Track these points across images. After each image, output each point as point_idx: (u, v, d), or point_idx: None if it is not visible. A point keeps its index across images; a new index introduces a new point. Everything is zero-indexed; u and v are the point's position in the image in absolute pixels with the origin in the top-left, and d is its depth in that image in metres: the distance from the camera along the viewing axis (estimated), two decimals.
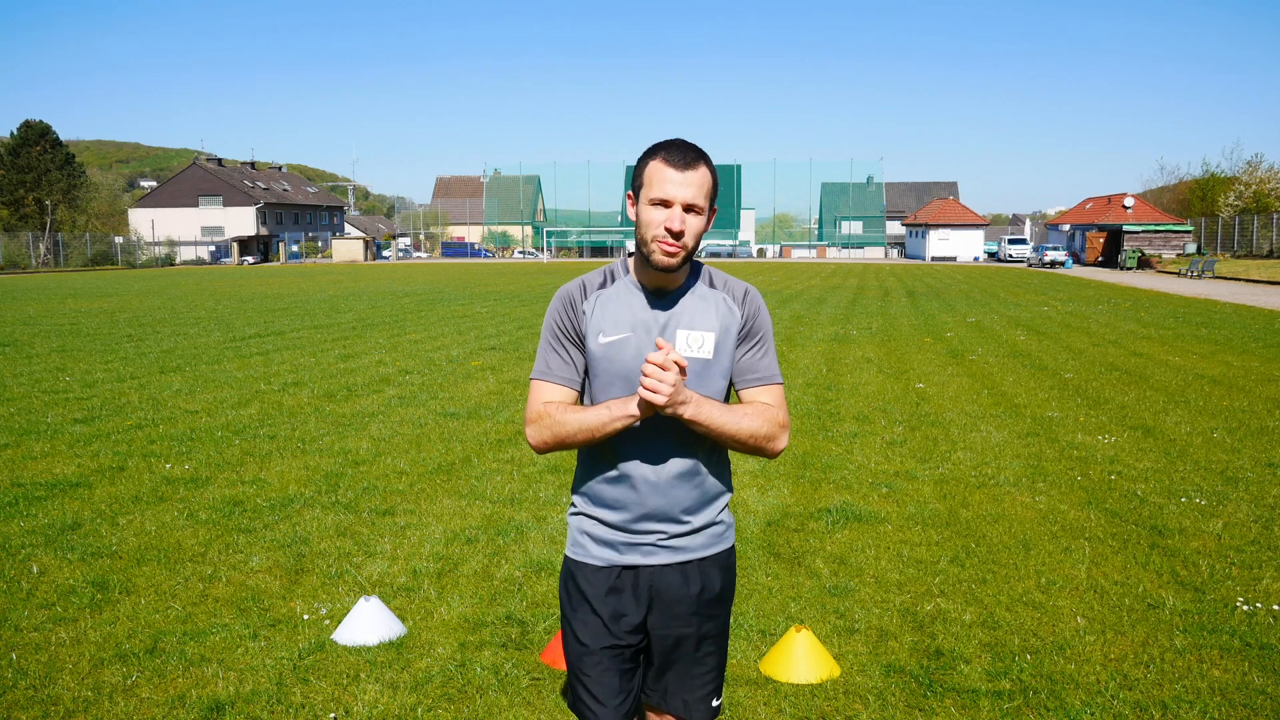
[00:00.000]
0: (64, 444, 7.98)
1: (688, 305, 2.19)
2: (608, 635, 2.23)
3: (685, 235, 2.07)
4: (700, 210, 2.09)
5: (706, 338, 2.16)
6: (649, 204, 2.08)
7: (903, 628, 4.23)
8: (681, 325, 2.17)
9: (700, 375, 2.16)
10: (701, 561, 2.27)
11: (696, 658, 2.30)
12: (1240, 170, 62.94)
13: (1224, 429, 8.37)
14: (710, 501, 2.26)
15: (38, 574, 4.92)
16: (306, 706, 3.56)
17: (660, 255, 2.08)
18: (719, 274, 2.28)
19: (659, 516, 2.20)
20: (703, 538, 2.26)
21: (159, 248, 74.59)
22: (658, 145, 2.12)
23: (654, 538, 2.22)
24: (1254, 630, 4.16)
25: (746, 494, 6.37)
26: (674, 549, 2.23)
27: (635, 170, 2.16)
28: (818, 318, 20.46)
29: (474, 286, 34.51)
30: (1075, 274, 46.56)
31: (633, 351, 2.14)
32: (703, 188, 2.08)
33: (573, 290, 2.23)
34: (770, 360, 2.24)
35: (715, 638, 2.32)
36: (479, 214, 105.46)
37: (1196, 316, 20.37)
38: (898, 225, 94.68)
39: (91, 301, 27.18)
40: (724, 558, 2.32)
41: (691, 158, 2.08)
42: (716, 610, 2.31)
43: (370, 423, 8.83)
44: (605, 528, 2.24)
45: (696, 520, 2.23)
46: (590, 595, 2.24)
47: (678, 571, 2.24)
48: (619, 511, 2.21)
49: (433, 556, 5.17)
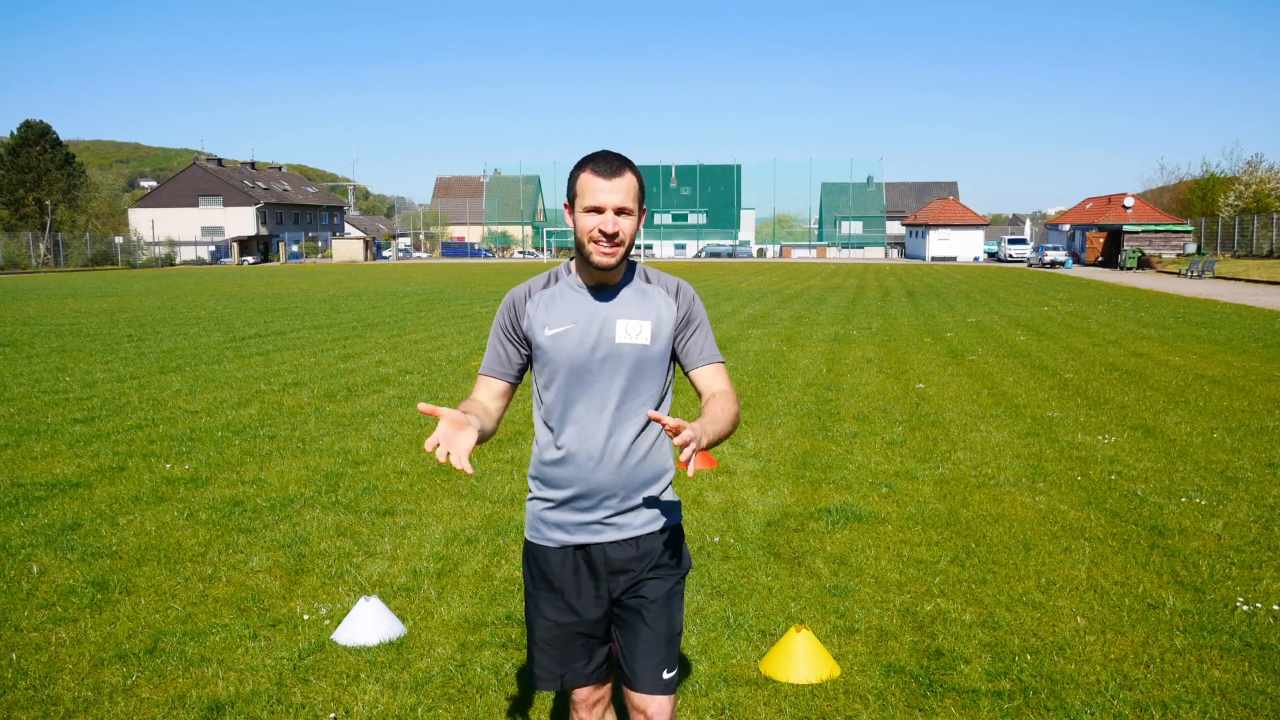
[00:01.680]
0: (64, 444, 7.98)
1: (625, 298, 2.42)
2: (569, 612, 2.44)
3: (620, 235, 2.30)
4: (630, 212, 2.32)
5: (644, 326, 2.39)
6: (583, 211, 2.31)
7: (903, 628, 4.23)
8: (620, 316, 2.39)
9: (639, 359, 2.38)
10: (647, 536, 2.44)
11: (646, 625, 2.42)
12: (1240, 170, 62.96)
13: (1224, 429, 8.37)
14: (652, 480, 2.43)
15: (38, 574, 4.93)
16: (306, 706, 3.56)
17: (599, 255, 2.32)
18: (653, 271, 2.51)
19: (602, 494, 2.38)
20: (646, 515, 2.43)
21: (159, 248, 74.58)
22: (585, 159, 2.35)
23: (599, 514, 2.40)
24: (1254, 630, 4.16)
25: (746, 494, 6.37)
26: (618, 526, 2.41)
27: (569, 183, 2.38)
28: (818, 318, 20.46)
29: (474, 286, 34.51)
30: (1075, 274, 46.56)
31: (575, 341, 2.37)
32: (630, 192, 2.31)
33: (518, 293, 2.50)
34: (710, 341, 2.48)
35: (663, 603, 2.44)
36: (479, 214, 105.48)
37: (1196, 316, 20.37)
38: (898, 225, 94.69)
39: (91, 301, 27.18)
40: (669, 533, 2.48)
41: (618, 165, 2.31)
42: (664, 575, 2.45)
43: (370, 423, 8.84)
44: (555, 510, 2.43)
45: (637, 498, 2.41)
46: (550, 574, 2.45)
47: (628, 546, 2.42)
48: (564, 490, 2.40)
49: (433, 556, 5.17)
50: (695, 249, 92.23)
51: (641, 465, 2.40)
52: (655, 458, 2.44)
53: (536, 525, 2.48)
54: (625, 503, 2.40)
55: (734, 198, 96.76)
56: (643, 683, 2.42)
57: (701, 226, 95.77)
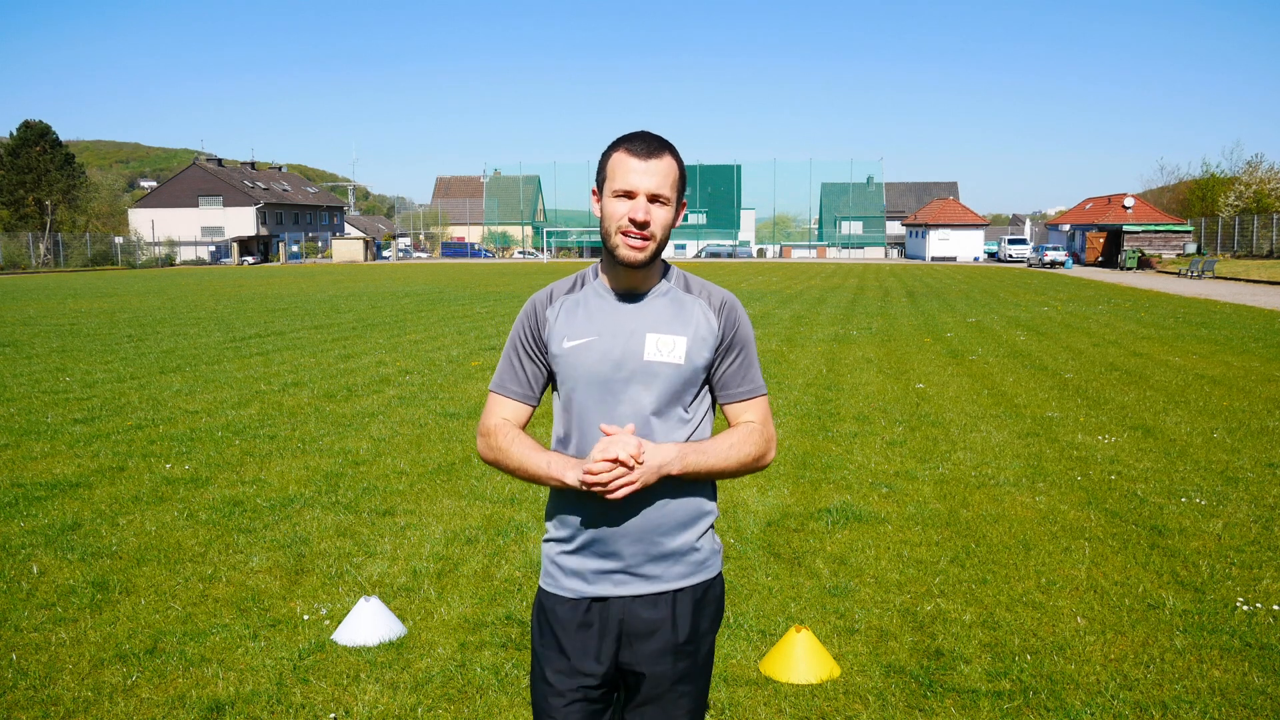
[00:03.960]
0: (64, 444, 7.98)
1: (658, 308, 2.09)
2: (577, 676, 2.08)
3: (652, 225, 1.99)
4: (667, 201, 2.01)
5: (678, 342, 2.04)
6: (613, 196, 2.00)
7: (903, 628, 4.23)
8: (651, 329, 2.05)
9: (669, 381, 2.04)
10: (678, 593, 2.09)
11: (670, 699, 2.10)
12: (1240, 170, 62.97)
13: (1224, 429, 8.37)
14: (688, 524, 2.08)
15: (38, 574, 4.93)
16: (306, 707, 3.56)
17: (625, 250, 1.99)
18: (695, 279, 2.16)
19: (628, 539, 2.04)
20: (680, 566, 2.09)
21: (159, 248, 74.56)
22: (621, 138, 2.05)
23: (623, 563, 2.06)
24: (1254, 630, 4.16)
25: (746, 494, 6.37)
26: (646, 577, 2.07)
27: (600, 164, 2.07)
28: (818, 318, 20.46)
29: (474, 286, 34.51)
30: (1075, 274, 46.56)
31: (598, 355, 2.04)
32: (668, 177, 2.00)
33: (540, 298, 2.16)
34: (754, 373, 2.13)
35: (691, 678, 2.12)
36: (479, 214, 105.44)
37: (1196, 316, 20.37)
38: (898, 225, 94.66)
39: (91, 301, 27.18)
40: (704, 589, 2.13)
41: (656, 146, 2.01)
42: (693, 648, 2.12)
43: (370, 423, 8.84)
44: (573, 556, 2.10)
45: (670, 544, 2.07)
46: (559, 632, 2.11)
47: (650, 604, 2.08)
48: (585, 534, 2.07)
49: (433, 556, 5.17)
50: (695, 249, 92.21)
51: (674, 503, 2.05)
52: (690, 497, 2.08)
53: (552, 572, 2.14)
54: (654, 548, 2.05)
55: (734, 198, 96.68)
56: None
57: (701, 227, 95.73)
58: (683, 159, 2.07)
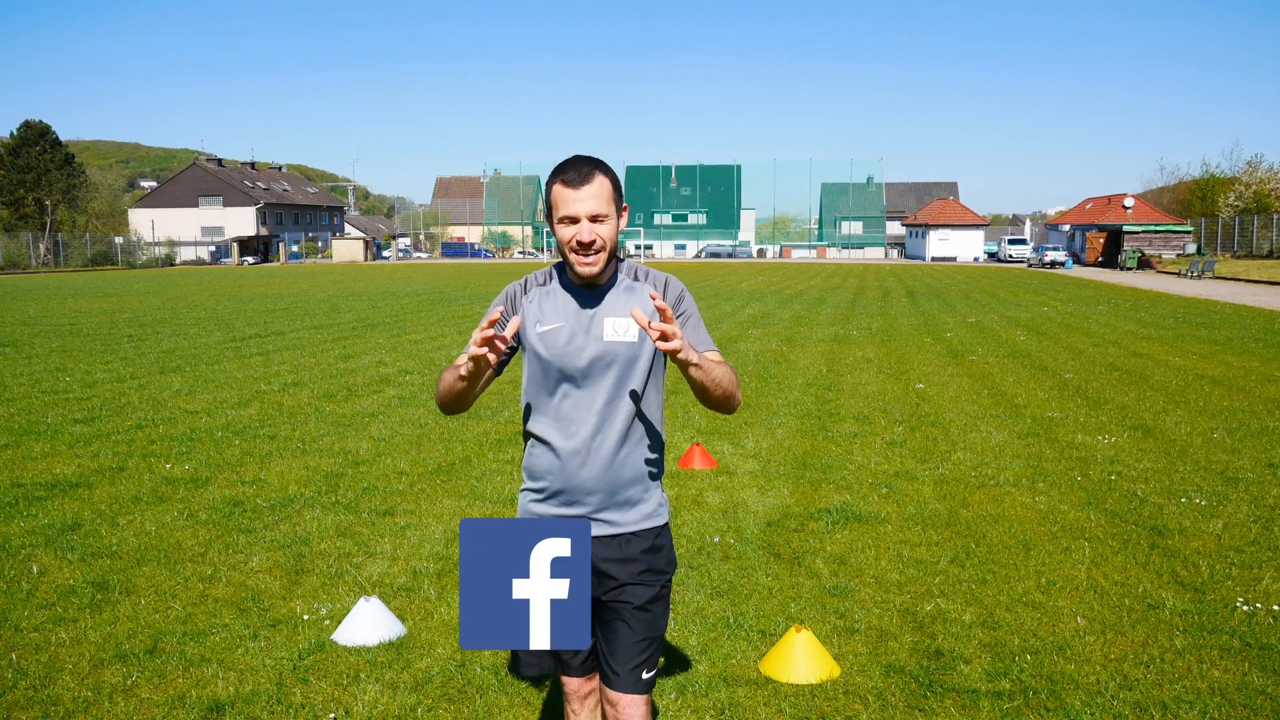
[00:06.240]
0: (64, 444, 7.98)
1: (614, 297, 2.44)
2: None
3: (597, 241, 2.33)
4: (605, 217, 2.33)
5: (631, 323, 2.39)
6: (559, 223, 2.34)
7: (903, 628, 4.23)
8: (609, 314, 2.42)
9: (629, 357, 2.40)
10: (633, 535, 2.46)
11: (628, 628, 2.44)
12: (1240, 170, 62.99)
13: (1224, 429, 8.37)
14: (639, 477, 2.45)
15: (38, 574, 4.93)
16: (306, 707, 3.56)
17: (580, 266, 2.35)
18: (643, 268, 2.54)
19: (587, 489, 2.41)
20: (633, 513, 2.45)
21: (159, 248, 74.57)
22: (556, 169, 2.36)
23: (585, 510, 2.42)
24: (1254, 630, 4.17)
25: (746, 494, 6.37)
26: (604, 522, 2.43)
27: (545, 194, 2.40)
28: (818, 318, 20.46)
29: (474, 286, 34.51)
30: (1075, 274, 46.56)
31: (565, 339, 2.40)
32: (602, 196, 2.32)
33: (515, 289, 2.51)
34: (702, 332, 2.47)
35: (645, 608, 2.45)
36: (479, 214, 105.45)
37: (1196, 317, 20.37)
38: (898, 225, 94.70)
39: (91, 301, 27.19)
40: (655, 534, 2.49)
41: (585, 172, 2.32)
42: (649, 580, 2.46)
43: (370, 423, 8.84)
44: (544, 503, 2.47)
45: (623, 495, 2.43)
46: None
47: (613, 543, 2.44)
48: (550, 483, 2.44)
49: (433, 556, 5.17)
50: (695, 249, 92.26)
51: (628, 463, 2.43)
52: (643, 455, 2.45)
53: (525, 515, 2.52)
54: (611, 499, 2.42)
55: (734, 198, 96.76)
56: (619, 683, 2.45)
57: (701, 227, 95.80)
58: (613, 170, 2.41)
